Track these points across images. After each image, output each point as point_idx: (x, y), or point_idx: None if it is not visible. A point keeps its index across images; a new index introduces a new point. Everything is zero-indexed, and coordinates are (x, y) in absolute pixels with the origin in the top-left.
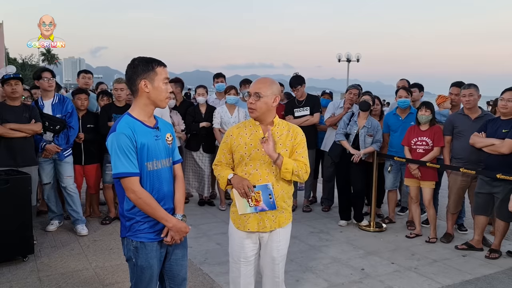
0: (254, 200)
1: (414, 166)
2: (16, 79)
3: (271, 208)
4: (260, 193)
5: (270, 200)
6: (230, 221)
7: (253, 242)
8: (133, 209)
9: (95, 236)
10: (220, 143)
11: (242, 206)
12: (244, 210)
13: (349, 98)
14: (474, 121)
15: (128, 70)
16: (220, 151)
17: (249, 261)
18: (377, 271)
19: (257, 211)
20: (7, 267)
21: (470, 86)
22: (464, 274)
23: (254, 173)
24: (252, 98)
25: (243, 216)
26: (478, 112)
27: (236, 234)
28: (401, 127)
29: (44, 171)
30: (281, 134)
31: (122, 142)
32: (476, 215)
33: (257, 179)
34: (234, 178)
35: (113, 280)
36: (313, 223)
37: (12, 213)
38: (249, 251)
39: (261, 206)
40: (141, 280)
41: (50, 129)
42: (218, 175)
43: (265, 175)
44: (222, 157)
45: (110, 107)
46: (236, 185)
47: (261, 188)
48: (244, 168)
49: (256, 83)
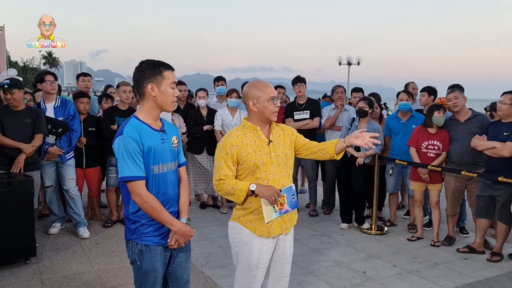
0: (279, 204)
1: (425, 170)
2: (10, 88)
3: (293, 207)
4: (285, 196)
5: (293, 200)
6: (245, 230)
7: (271, 246)
8: (138, 212)
9: (97, 239)
10: (220, 152)
11: (268, 213)
12: (271, 217)
13: (337, 97)
14: (464, 123)
15: (135, 73)
16: (224, 164)
17: (265, 266)
18: (379, 274)
19: (282, 214)
20: (9, 269)
21: (454, 89)
22: (466, 277)
23: (272, 178)
24: (278, 101)
25: (265, 222)
26: (467, 114)
27: (255, 241)
28: (403, 130)
29: (46, 174)
30: (279, 135)
31: (129, 146)
32: (478, 218)
33: (276, 184)
34: (259, 187)
35: (115, 283)
36: (314, 226)
37: (14, 215)
38: (267, 256)
39: (285, 208)
40: (145, 283)
41: (53, 132)
42: (232, 189)
43: (282, 178)
44: (228, 170)
45: (113, 110)
46: (265, 194)
47: (286, 191)
48: (259, 176)
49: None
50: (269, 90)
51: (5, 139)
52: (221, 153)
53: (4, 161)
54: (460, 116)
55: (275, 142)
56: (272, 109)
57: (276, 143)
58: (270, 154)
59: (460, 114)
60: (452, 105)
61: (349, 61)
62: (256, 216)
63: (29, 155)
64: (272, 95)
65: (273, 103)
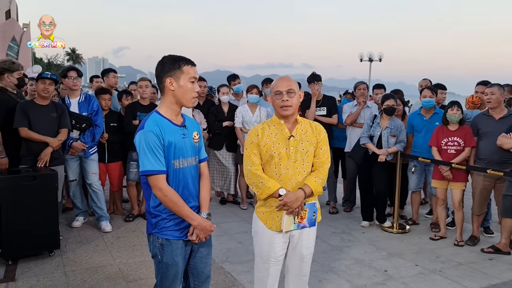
0: (299, 217)
1: (446, 167)
2: (52, 79)
3: (311, 225)
4: (307, 210)
5: (313, 218)
6: (258, 221)
7: (284, 241)
8: (159, 207)
9: (118, 232)
10: (246, 143)
11: (288, 223)
12: (289, 227)
13: (360, 94)
14: (499, 121)
15: (157, 68)
16: (251, 153)
17: (279, 261)
18: (400, 273)
19: (299, 228)
20: (34, 261)
21: (493, 85)
22: (490, 278)
23: (286, 173)
24: (286, 96)
25: (276, 216)
26: (503, 112)
27: (266, 233)
28: (426, 127)
29: (70, 168)
30: (306, 131)
31: (150, 140)
32: (503, 217)
33: (289, 178)
34: (288, 195)
35: (137, 277)
36: (335, 224)
37: (39, 208)
38: (279, 251)
39: (304, 223)
40: (166, 277)
41: (77, 127)
42: (261, 184)
43: (296, 173)
44: (254, 158)
45: (134, 106)
46: (292, 203)
47: (309, 206)
48: (274, 168)
49: (285, 81)
50: (274, 86)
51: (33, 133)
52: (247, 142)
53: (29, 156)
54: (495, 112)
55: (297, 138)
56: (278, 103)
57: (299, 138)
58: (289, 148)
59: (495, 111)
60: (486, 100)
61: (371, 57)
62: (268, 209)
63: (56, 148)
64: (275, 90)
65: (279, 98)
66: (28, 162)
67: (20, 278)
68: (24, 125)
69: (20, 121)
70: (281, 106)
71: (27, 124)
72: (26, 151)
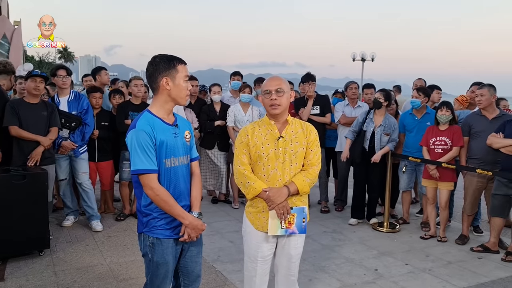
0: (287, 222)
1: (432, 166)
2: (42, 77)
3: (302, 232)
4: (295, 215)
5: (303, 224)
6: (247, 221)
7: (271, 242)
8: (150, 205)
9: (109, 232)
10: (236, 143)
11: (274, 226)
12: (275, 231)
13: (351, 93)
14: (491, 121)
15: (149, 67)
16: (240, 152)
17: (266, 260)
18: (390, 272)
19: (287, 233)
20: (23, 261)
21: (484, 86)
22: (479, 277)
23: (274, 173)
24: (275, 95)
25: (262, 217)
26: (495, 112)
27: (254, 233)
28: (417, 127)
29: (60, 167)
30: (296, 132)
31: (141, 139)
32: (493, 217)
33: (276, 179)
34: (272, 190)
35: (127, 276)
36: (326, 223)
37: (29, 208)
38: (267, 250)
39: (292, 229)
40: (157, 276)
41: (66, 126)
42: (248, 184)
43: (284, 174)
44: (244, 158)
45: (126, 105)
46: (275, 198)
47: (297, 211)
48: (262, 169)
49: (274, 80)
50: (264, 85)
51: (23, 131)
52: (237, 141)
53: (20, 156)
54: (488, 113)
55: (286, 138)
56: (267, 102)
57: (289, 139)
58: (278, 149)
59: (488, 111)
60: (477, 101)
61: (363, 57)
62: (255, 209)
63: (47, 147)
64: (265, 89)
65: (268, 97)
66: (19, 161)
67: (9, 278)
68: (14, 124)
69: (10, 120)
70: (270, 104)
71: (18, 122)
72: (17, 150)
